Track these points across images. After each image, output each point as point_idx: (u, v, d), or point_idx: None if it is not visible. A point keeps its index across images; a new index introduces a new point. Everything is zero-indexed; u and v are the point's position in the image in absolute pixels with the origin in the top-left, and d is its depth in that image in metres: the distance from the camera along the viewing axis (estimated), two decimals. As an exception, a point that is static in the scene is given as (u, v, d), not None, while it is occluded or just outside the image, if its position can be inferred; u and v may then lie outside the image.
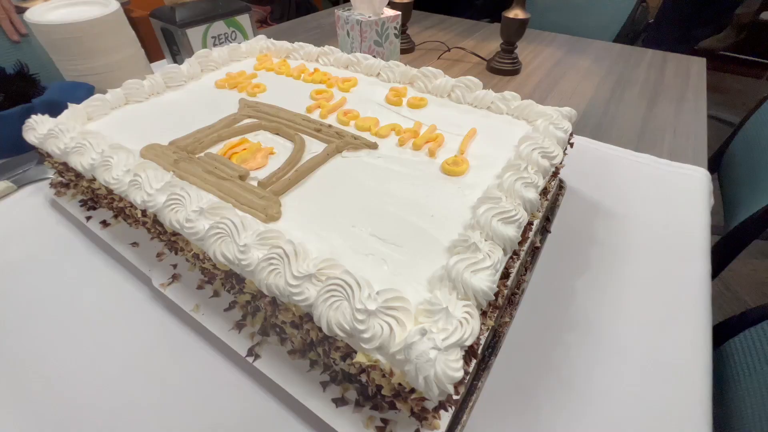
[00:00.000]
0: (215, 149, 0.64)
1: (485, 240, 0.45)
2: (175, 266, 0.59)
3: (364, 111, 0.74)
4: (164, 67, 0.83)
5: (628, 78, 1.25)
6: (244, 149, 0.62)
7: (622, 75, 1.27)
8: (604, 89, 1.18)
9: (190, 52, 1.13)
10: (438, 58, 1.36)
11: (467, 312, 0.38)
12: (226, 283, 0.52)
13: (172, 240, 0.55)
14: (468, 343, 0.37)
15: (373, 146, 0.65)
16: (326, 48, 0.92)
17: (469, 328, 0.37)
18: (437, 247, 0.48)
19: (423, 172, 0.60)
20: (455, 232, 0.49)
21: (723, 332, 0.68)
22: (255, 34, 1.27)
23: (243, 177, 0.57)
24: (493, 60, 1.28)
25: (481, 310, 0.41)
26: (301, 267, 0.42)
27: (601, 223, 0.72)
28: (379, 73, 0.86)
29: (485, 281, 0.40)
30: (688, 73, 1.28)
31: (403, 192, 0.56)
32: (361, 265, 0.45)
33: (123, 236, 0.64)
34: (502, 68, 1.26)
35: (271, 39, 1.01)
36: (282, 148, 0.65)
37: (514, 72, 1.27)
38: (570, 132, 0.66)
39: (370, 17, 1.13)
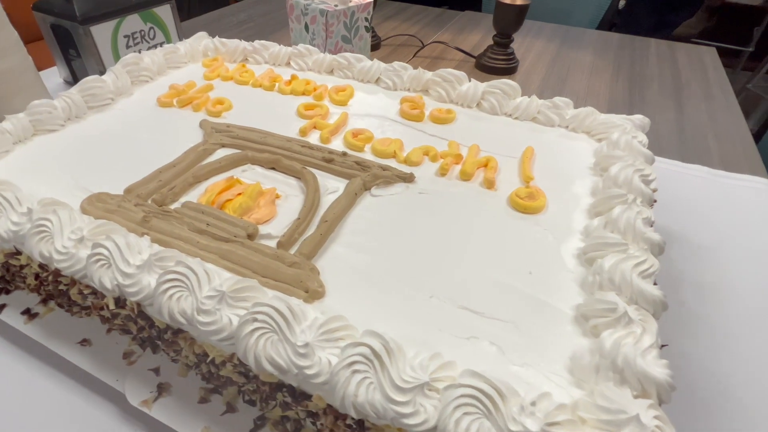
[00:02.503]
0: (193, 196, 0.56)
1: (628, 304, 0.41)
2: (156, 371, 0.49)
3: (377, 131, 0.68)
4: (83, 80, 0.72)
5: (641, 73, 1.30)
6: (240, 194, 0.54)
7: (632, 70, 1.31)
8: (620, 88, 1.21)
9: (96, 57, 1.02)
10: (414, 56, 1.34)
11: (657, 417, 0.33)
12: (255, 394, 0.44)
13: (164, 339, 0.45)
14: (674, 463, 0.32)
15: (409, 178, 0.59)
16: (300, 47, 0.86)
17: (670, 440, 0.32)
18: (559, 317, 0.43)
19: (487, 210, 0.56)
20: (574, 294, 0.45)
21: None
22: (179, 31, 1.17)
23: (252, 236, 0.49)
24: (485, 56, 1.27)
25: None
26: (405, 373, 0.35)
27: (683, 256, 0.71)
28: (378, 79, 0.80)
29: (662, 367, 0.36)
30: (703, 65, 1.35)
31: (471, 240, 0.51)
32: (466, 356, 0.39)
33: (63, 331, 0.53)
34: (496, 66, 1.26)
35: (217, 37, 0.93)
36: (287, 188, 0.58)
37: (511, 70, 1.27)
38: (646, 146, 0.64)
39: (336, 6, 1.08)
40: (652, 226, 0.50)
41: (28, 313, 0.54)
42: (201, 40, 0.92)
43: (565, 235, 0.52)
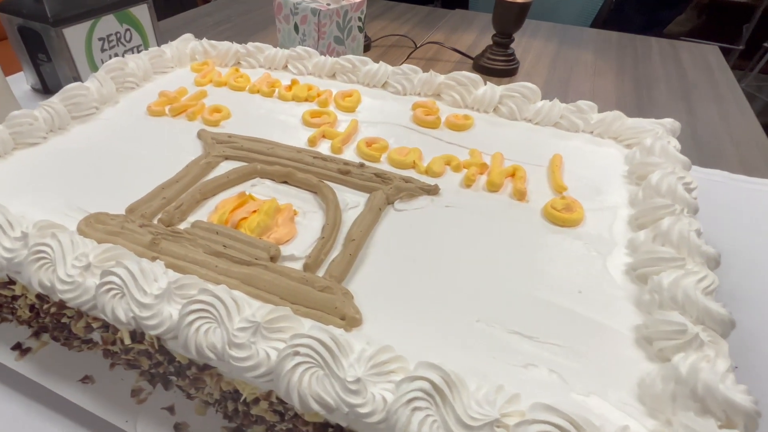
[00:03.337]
0: (202, 215, 0.54)
1: (694, 324, 0.40)
2: (170, 409, 0.47)
3: (391, 139, 0.67)
4: (65, 88, 0.69)
5: (646, 73, 1.31)
6: (255, 211, 0.52)
7: (637, 70, 1.33)
8: (626, 89, 1.23)
9: (69, 61, 0.99)
10: (408, 57, 1.33)
11: (747, 449, 0.33)
12: (289, 436, 0.42)
13: (186, 375, 0.43)
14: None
15: (434, 190, 0.58)
16: (299, 50, 0.84)
17: (764, 474, 0.32)
18: (618, 340, 0.42)
19: (521, 223, 0.55)
20: (629, 314, 0.44)
21: None
22: (156, 34, 1.15)
23: (274, 258, 0.47)
24: (484, 57, 1.27)
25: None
26: (471, 410, 0.34)
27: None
28: (386, 83, 0.79)
29: (744, 393, 0.35)
30: (708, 65, 1.38)
31: (509, 257, 0.50)
32: (526, 386, 0.38)
33: (61, 367, 0.50)
34: (496, 67, 1.26)
35: (205, 38, 0.91)
36: (303, 204, 0.56)
37: (511, 72, 1.27)
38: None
39: (329, 5, 1.07)
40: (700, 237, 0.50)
41: (20, 348, 0.52)
42: (188, 43, 0.89)
43: (609, 249, 0.51)
